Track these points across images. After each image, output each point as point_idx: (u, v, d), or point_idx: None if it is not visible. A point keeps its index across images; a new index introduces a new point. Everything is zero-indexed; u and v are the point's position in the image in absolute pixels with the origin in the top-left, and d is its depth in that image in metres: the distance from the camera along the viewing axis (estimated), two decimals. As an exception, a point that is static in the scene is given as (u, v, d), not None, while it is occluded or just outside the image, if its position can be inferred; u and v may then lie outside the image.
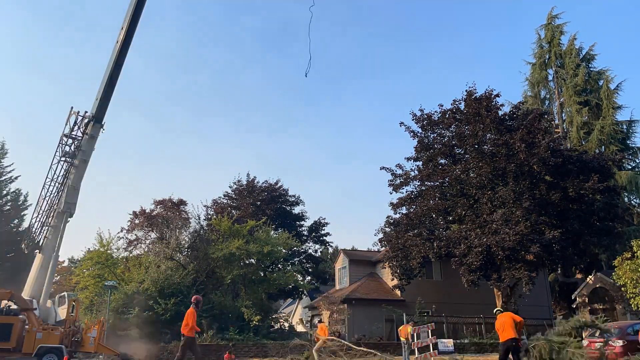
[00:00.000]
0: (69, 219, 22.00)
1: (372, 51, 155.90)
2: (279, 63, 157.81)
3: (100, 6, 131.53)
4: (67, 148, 22.09)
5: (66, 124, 22.37)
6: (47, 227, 21.54)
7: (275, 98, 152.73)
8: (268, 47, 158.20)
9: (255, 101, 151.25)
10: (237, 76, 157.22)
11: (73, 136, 22.19)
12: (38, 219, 21.84)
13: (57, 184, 21.88)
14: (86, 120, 22.35)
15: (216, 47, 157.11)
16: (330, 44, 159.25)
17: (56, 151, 22.13)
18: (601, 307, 27.39)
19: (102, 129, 22.79)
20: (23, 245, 22.60)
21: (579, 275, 32.30)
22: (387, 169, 28.35)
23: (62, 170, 22.02)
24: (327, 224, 41.35)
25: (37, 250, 21.71)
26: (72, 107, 22.48)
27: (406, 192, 27.92)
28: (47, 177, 21.89)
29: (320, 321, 23.64)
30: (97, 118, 22.41)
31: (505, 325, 12.41)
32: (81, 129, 22.32)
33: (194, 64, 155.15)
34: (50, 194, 21.89)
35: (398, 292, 27.75)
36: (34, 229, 21.96)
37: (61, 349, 17.16)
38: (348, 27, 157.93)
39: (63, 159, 22.04)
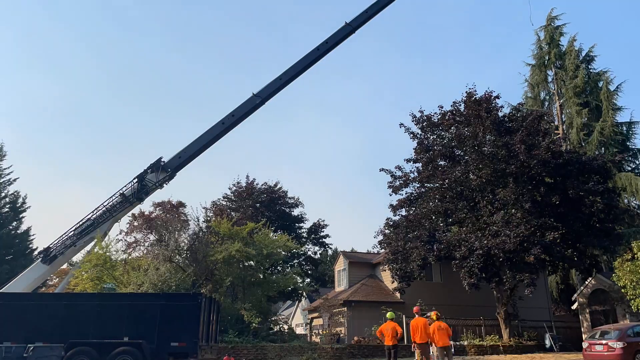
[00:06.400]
0: (90, 242, 23.13)
1: (371, 53, 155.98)
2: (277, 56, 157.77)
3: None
4: (130, 187, 23.01)
5: (148, 169, 23.27)
6: (71, 247, 22.28)
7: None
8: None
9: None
10: (237, 75, 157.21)
11: (147, 180, 23.13)
12: (68, 236, 22.41)
13: (106, 212, 22.76)
14: (163, 175, 23.31)
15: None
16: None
17: (124, 187, 23.02)
18: (601, 308, 27.30)
19: (165, 184, 23.73)
20: (36, 253, 23.20)
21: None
22: (387, 170, 28.22)
23: (116, 204, 22.87)
24: (326, 225, 41.31)
25: (39, 258, 22.33)
26: (161, 157, 23.64)
27: (406, 194, 27.83)
28: (102, 204, 22.79)
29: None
30: (172, 175, 23.71)
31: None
32: (157, 176, 23.29)
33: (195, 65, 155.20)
34: (95, 217, 22.68)
35: (398, 295, 27.65)
36: (53, 245, 22.45)
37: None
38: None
39: (123, 195, 22.90)
